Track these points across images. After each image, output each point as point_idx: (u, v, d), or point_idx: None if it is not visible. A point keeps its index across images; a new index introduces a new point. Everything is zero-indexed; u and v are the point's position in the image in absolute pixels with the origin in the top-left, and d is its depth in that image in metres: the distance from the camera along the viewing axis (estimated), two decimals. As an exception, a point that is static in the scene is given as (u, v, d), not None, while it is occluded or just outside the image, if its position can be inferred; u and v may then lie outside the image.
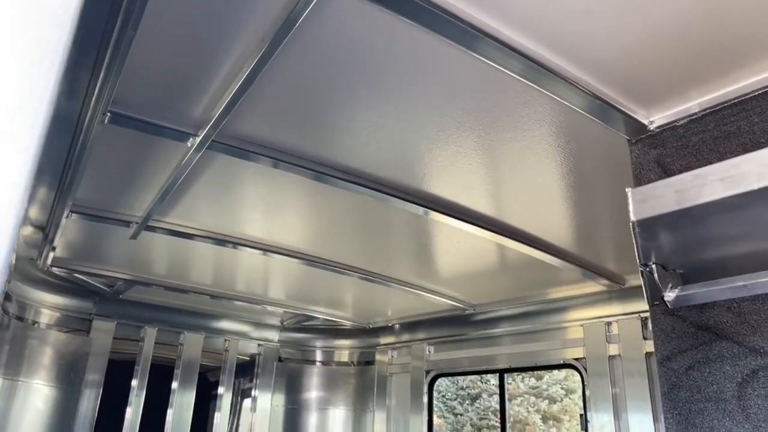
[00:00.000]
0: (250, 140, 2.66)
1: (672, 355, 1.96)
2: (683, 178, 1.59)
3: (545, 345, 4.83)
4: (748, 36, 1.82)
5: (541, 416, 16.26)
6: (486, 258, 4.08)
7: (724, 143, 1.98)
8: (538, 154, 2.64)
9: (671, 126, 2.15)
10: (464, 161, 2.76)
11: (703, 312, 1.89)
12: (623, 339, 4.25)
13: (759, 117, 1.92)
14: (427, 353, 5.77)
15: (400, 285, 4.72)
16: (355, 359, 6.58)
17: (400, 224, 3.67)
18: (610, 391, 4.23)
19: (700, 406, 1.83)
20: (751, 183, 1.39)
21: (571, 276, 4.14)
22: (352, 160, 2.82)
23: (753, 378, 1.76)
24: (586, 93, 2.10)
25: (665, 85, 2.09)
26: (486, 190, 3.11)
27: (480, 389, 16.92)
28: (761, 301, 1.75)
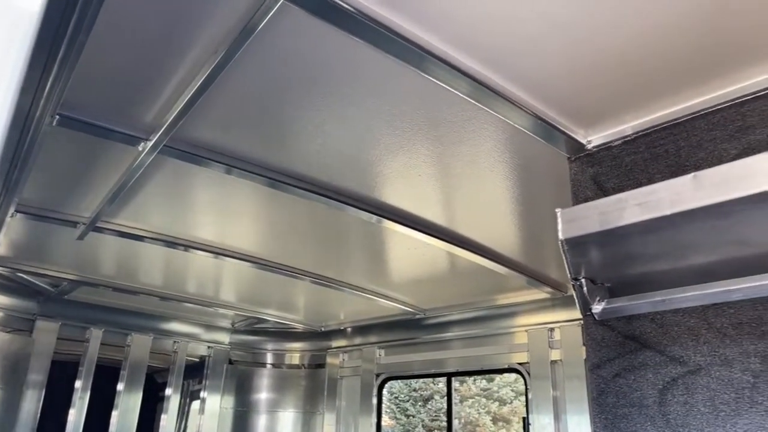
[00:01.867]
0: (203, 146, 2.67)
1: (601, 362, 2.08)
2: (606, 201, 1.71)
3: (492, 349, 4.97)
4: (676, 66, 1.96)
5: (491, 417, 16.58)
6: (437, 265, 4.18)
7: (653, 164, 2.11)
8: (485, 167, 2.74)
9: (607, 146, 2.28)
10: (414, 172, 2.84)
11: (630, 323, 2.02)
12: (564, 345, 4.43)
13: (685, 142, 2.06)
14: (377, 356, 5.85)
15: (353, 289, 4.78)
16: (306, 362, 6.60)
17: (353, 231, 3.73)
18: (551, 395, 4.40)
19: (625, 411, 1.96)
20: (665, 209, 1.51)
21: (517, 283, 4.28)
22: (305, 167, 2.87)
23: (673, 385, 1.89)
24: (529, 113, 2.20)
25: (603, 108, 2.22)
26: (436, 200, 3.20)
27: (432, 391, 17.12)
28: (680, 314, 1.89)
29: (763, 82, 1.93)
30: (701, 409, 1.81)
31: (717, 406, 1.78)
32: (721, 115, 2.00)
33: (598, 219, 1.66)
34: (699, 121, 2.05)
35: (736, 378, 1.76)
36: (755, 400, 1.71)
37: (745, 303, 1.78)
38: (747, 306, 1.78)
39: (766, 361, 1.72)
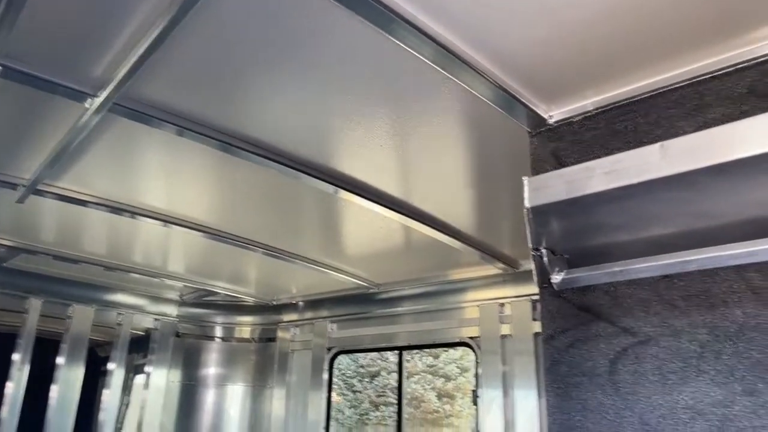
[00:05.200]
0: (155, 105, 2.55)
1: (556, 333, 2.12)
2: (574, 170, 1.72)
3: (444, 324, 5.03)
4: (637, 44, 1.98)
5: (437, 394, 16.91)
6: (392, 238, 4.17)
7: (612, 140, 2.14)
8: (445, 139, 2.73)
9: (568, 121, 2.29)
10: (375, 142, 2.80)
11: (585, 294, 2.06)
12: (514, 319, 4.52)
13: (644, 119, 2.09)
14: (329, 331, 5.84)
15: (306, 262, 4.73)
16: (257, 336, 6.52)
17: (308, 201, 3.67)
18: (501, 369, 4.49)
19: (577, 380, 2.00)
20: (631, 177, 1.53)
21: (471, 259, 4.33)
22: (261, 133, 2.78)
23: (623, 355, 1.94)
24: (493, 84, 2.19)
25: (565, 83, 2.23)
26: (395, 172, 3.17)
27: (380, 367, 17.29)
28: (633, 286, 1.94)
29: (720, 62, 1.97)
30: (650, 377, 1.86)
31: (665, 374, 1.84)
32: (679, 94, 2.03)
33: (564, 187, 1.67)
34: (658, 99, 2.08)
35: (684, 348, 1.82)
36: (701, 369, 1.77)
37: (695, 276, 1.83)
38: (697, 279, 1.83)
39: (713, 332, 1.78)
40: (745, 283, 1.75)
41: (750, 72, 1.88)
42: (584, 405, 1.96)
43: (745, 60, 1.90)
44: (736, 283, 1.77)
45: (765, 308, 1.70)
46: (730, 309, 1.76)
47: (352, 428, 17.14)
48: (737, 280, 1.76)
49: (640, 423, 1.84)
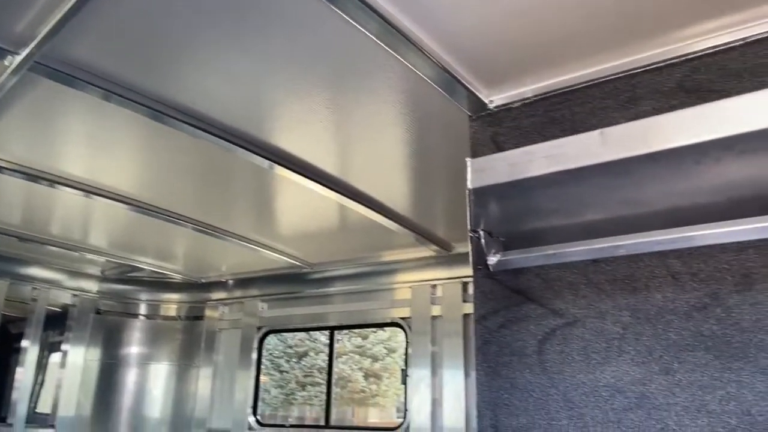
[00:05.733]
0: (80, 66, 2.39)
1: (488, 314, 2.17)
2: (516, 153, 1.75)
3: (376, 304, 5.07)
4: (577, 34, 2.03)
5: (364, 374, 17.10)
6: (328, 218, 4.14)
7: (549, 128, 2.20)
8: (386, 119, 2.71)
9: (507, 107, 2.33)
10: (316, 118, 2.75)
11: (517, 276, 2.11)
12: (445, 301, 4.61)
13: (580, 108, 2.15)
14: (260, 310, 5.75)
15: (238, 240, 4.62)
16: (183, 314, 6.34)
17: (242, 176, 3.57)
18: (430, 349, 4.59)
19: (506, 359, 2.06)
20: (570, 162, 1.58)
21: (405, 240, 4.36)
22: (196, 102, 2.67)
23: (551, 336, 2.01)
24: (437, 65, 2.19)
25: (507, 69, 2.26)
26: (334, 150, 3.14)
27: (308, 347, 17.28)
28: (564, 269, 2.01)
29: (652, 57, 2.05)
30: (575, 357, 1.94)
31: (589, 354, 1.92)
32: (614, 85, 2.10)
33: (506, 170, 1.70)
34: (593, 89, 2.15)
35: (607, 329, 1.90)
36: (623, 350, 1.86)
37: (622, 261, 1.92)
38: (623, 264, 1.92)
39: (634, 314, 1.87)
40: (666, 269, 1.84)
41: (679, 68, 1.97)
42: (512, 383, 2.03)
43: (675, 56, 1.98)
44: (657, 268, 1.86)
45: (683, 293, 1.80)
46: (651, 293, 1.85)
47: (278, 408, 17.09)
48: (659, 266, 1.86)
49: (564, 400, 1.92)
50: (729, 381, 1.67)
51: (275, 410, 16.99)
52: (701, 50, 1.95)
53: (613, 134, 1.56)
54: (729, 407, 1.65)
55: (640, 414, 1.78)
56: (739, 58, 1.88)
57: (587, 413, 1.87)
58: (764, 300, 1.68)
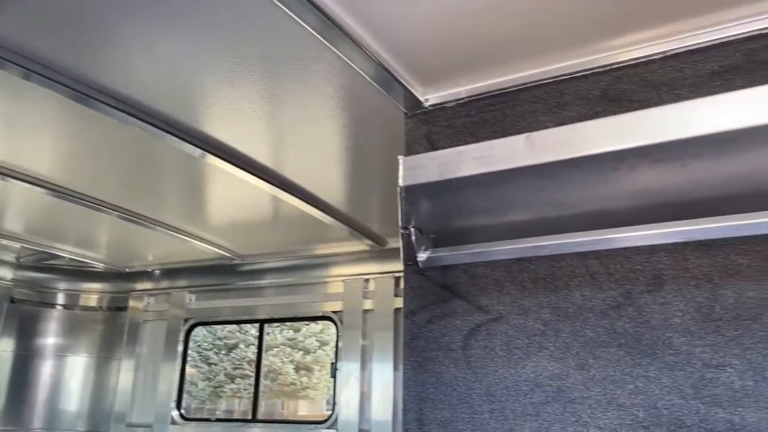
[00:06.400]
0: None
1: (417, 309, 2.20)
2: (447, 153, 1.79)
3: (308, 298, 5.04)
4: (509, 40, 2.08)
5: (295, 366, 17.01)
6: (261, 209, 4.07)
7: (481, 129, 2.25)
8: (322, 112, 2.70)
9: (442, 106, 2.37)
10: (250, 107, 2.70)
11: (446, 273, 2.16)
12: (377, 295, 4.65)
13: (511, 110, 2.22)
14: (187, 301, 5.60)
15: (166, 229, 4.48)
16: (105, 304, 6.08)
17: (172, 164, 3.46)
18: (360, 342, 4.62)
19: (433, 354, 2.10)
20: (499, 164, 1.63)
21: (339, 234, 4.36)
22: (124, 85, 2.56)
23: (476, 331, 2.07)
24: (375, 61, 2.20)
25: (443, 69, 2.29)
26: (269, 141, 3.09)
27: (238, 339, 17.01)
28: (490, 267, 2.07)
29: (579, 65, 2.14)
30: (498, 352, 2.01)
31: (511, 350, 1.99)
32: (543, 90, 2.18)
33: (437, 169, 1.73)
34: (524, 93, 2.22)
35: (529, 326, 1.98)
36: (543, 345, 1.94)
37: (545, 260, 1.99)
38: (546, 263, 2.00)
39: (555, 311, 1.95)
40: (586, 269, 1.93)
41: (604, 77, 2.06)
42: (438, 378, 2.07)
43: (601, 66, 2.07)
44: (578, 268, 1.95)
45: (600, 292, 1.89)
46: (571, 291, 1.94)
47: (205, 401, 16.75)
48: (579, 266, 1.94)
49: (486, 394, 1.98)
50: (638, 376, 1.77)
51: (203, 403, 16.65)
52: (624, 61, 2.04)
53: (539, 139, 1.62)
54: (637, 400, 1.75)
55: (557, 407, 1.86)
56: (658, 70, 1.99)
57: (507, 407, 1.93)
58: (672, 300, 1.79)
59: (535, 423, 1.88)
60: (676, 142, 1.44)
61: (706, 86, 1.89)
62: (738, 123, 1.39)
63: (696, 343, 1.72)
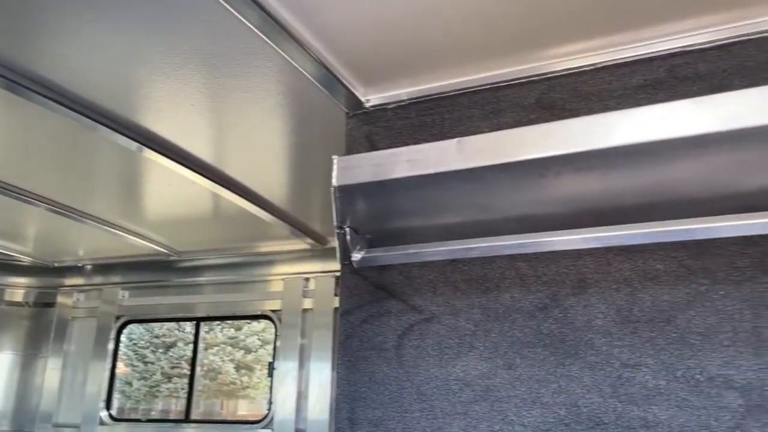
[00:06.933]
0: None
1: (352, 309, 2.21)
2: (381, 154, 1.81)
3: (246, 296, 4.97)
4: (449, 45, 2.12)
5: (235, 365, 16.74)
6: (199, 205, 3.99)
7: (420, 131, 2.29)
8: (263, 109, 2.67)
9: (383, 107, 2.39)
10: (187, 101, 2.64)
11: (381, 273, 2.18)
12: (317, 294, 4.64)
13: (449, 115, 2.26)
14: (120, 298, 5.42)
15: (98, 223, 4.32)
16: (32, 300, 5.81)
17: (106, 157, 3.34)
18: (299, 342, 4.59)
19: (366, 353, 2.12)
20: (430, 167, 1.66)
21: (281, 232, 4.32)
22: (56, 74, 2.46)
23: (409, 331, 2.10)
24: (316, 60, 2.19)
25: (384, 70, 2.31)
26: (208, 136, 3.03)
27: (176, 338, 16.60)
28: (425, 268, 2.10)
29: (515, 72, 2.20)
30: (430, 352, 2.04)
31: (443, 349, 2.03)
32: (481, 96, 2.23)
33: (371, 170, 1.75)
34: (462, 98, 2.27)
35: (461, 326, 2.02)
36: (473, 345, 1.99)
37: (477, 262, 2.04)
38: (478, 265, 2.05)
39: (485, 312, 2.00)
40: (516, 271, 1.99)
41: (538, 86, 2.13)
42: (371, 377, 2.09)
43: (535, 74, 2.14)
44: (508, 270, 2.00)
45: (528, 293, 1.96)
46: (501, 293, 1.99)
47: (140, 401, 16.28)
48: (509, 268, 2.00)
49: (417, 393, 2.01)
50: (561, 375, 1.84)
51: (137, 403, 16.17)
52: (558, 71, 2.12)
53: (469, 143, 1.66)
54: (560, 399, 1.82)
55: (484, 405, 1.91)
56: (589, 81, 2.07)
57: (437, 405, 1.97)
58: (595, 303, 1.87)
59: (464, 421, 1.93)
60: (595, 151, 1.51)
61: (631, 98, 1.98)
62: (652, 136, 1.47)
63: (615, 344, 1.80)
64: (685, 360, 1.71)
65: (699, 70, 1.92)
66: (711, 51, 1.92)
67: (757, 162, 1.56)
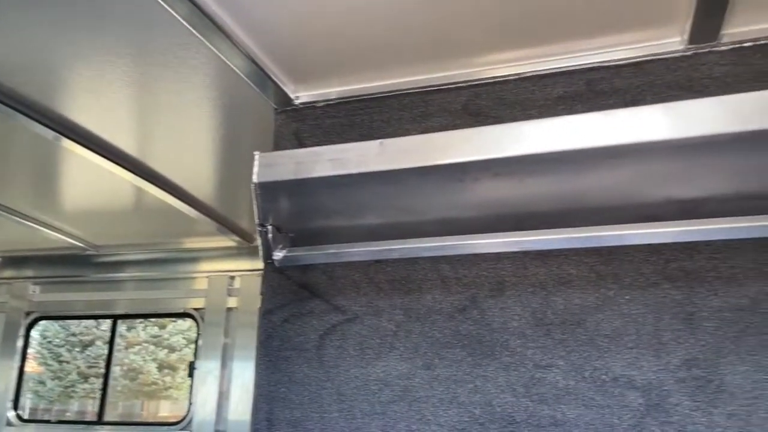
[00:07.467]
0: None
1: (274, 308, 2.19)
2: (303, 152, 1.80)
3: (169, 293, 4.81)
4: (381, 47, 2.13)
5: (158, 365, 16.22)
6: (120, 198, 3.83)
7: (349, 131, 2.29)
8: (190, 101, 2.59)
9: (312, 105, 2.38)
10: (109, 89, 2.52)
11: (305, 273, 2.16)
12: (243, 293, 4.55)
13: (378, 116, 2.28)
14: (30, 293, 5.13)
15: (10, 214, 4.07)
16: (-69, 295, 5.41)
17: (20, 145, 3.15)
18: (222, 341, 4.49)
19: (287, 353, 2.10)
20: (352, 167, 1.66)
21: (207, 229, 4.21)
22: (-39, 54, 2.30)
23: (331, 331, 2.09)
24: (245, 55, 2.16)
25: (315, 67, 2.30)
26: (131, 127, 2.91)
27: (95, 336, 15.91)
28: (349, 268, 2.10)
29: (443, 77, 2.24)
30: (351, 352, 2.05)
31: (364, 350, 2.04)
32: (410, 99, 2.26)
33: (293, 168, 1.73)
34: (391, 100, 2.28)
35: (383, 326, 2.04)
36: (394, 346, 2.00)
37: (400, 263, 2.06)
38: (401, 266, 2.07)
39: (407, 313, 2.02)
40: (438, 273, 2.03)
41: (465, 92, 2.17)
42: (290, 377, 2.07)
43: (462, 81, 2.19)
44: (430, 272, 2.04)
45: (449, 295, 1.99)
46: (423, 294, 2.02)
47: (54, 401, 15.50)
48: (432, 270, 2.03)
49: (337, 394, 2.01)
50: (477, 376, 1.89)
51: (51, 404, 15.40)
52: (484, 78, 2.17)
53: (391, 146, 1.68)
54: (475, 399, 1.87)
55: (403, 406, 1.93)
56: (513, 90, 2.13)
57: (356, 406, 1.98)
58: (512, 305, 1.92)
59: (382, 421, 1.94)
60: (509, 158, 1.56)
61: (552, 109, 2.06)
62: (562, 146, 1.54)
63: (529, 345, 1.87)
64: (593, 361, 1.79)
65: (615, 85, 2.02)
66: (626, 68, 2.02)
67: (662, 174, 1.66)
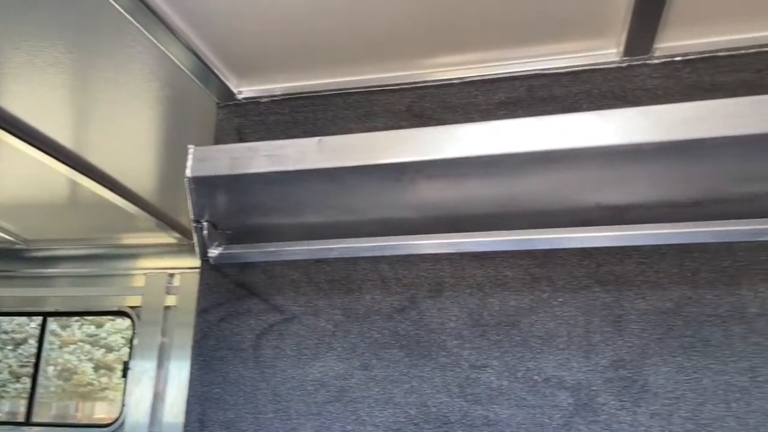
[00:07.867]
0: None
1: (210, 307, 2.14)
2: (239, 147, 1.77)
3: (103, 291, 4.63)
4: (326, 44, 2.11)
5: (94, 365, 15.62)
6: (54, 192, 3.66)
7: (293, 128, 2.26)
8: (129, 92, 2.50)
9: (255, 101, 2.34)
10: (41, 76, 2.41)
11: (243, 271, 2.12)
12: (182, 291, 4.43)
13: (323, 114, 2.26)
14: (-47, 289, 4.85)
15: (-70, 204, 3.84)
16: None
17: (-59, 131, 2.98)
18: (159, 340, 4.35)
19: (222, 353, 2.05)
20: (289, 164, 1.64)
21: (145, 225, 4.07)
22: None
23: (269, 331, 2.06)
24: (186, 47, 2.10)
25: (259, 63, 2.26)
26: (64, 117, 2.79)
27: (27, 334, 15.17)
28: (288, 267, 2.08)
29: (388, 78, 2.24)
30: (288, 352, 2.02)
31: (301, 350, 2.01)
32: (354, 98, 2.25)
33: (229, 163, 1.69)
34: (336, 99, 2.27)
35: (321, 326, 2.02)
36: (332, 346, 1.99)
37: (340, 263, 2.05)
38: (341, 266, 2.05)
39: (346, 313, 2.01)
40: (378, 273, 2.02)
41: (409, 94, 2.18)
42: (225, 378, 2.03)
43: (407, 83, 2.20)
44: (371, 272, 2.03)
45: (388, 295, 1.99)
46: (362, 294, 2.01)
47: (-19, 403, 14.70)
48: (372, 270, 2.03)
49: (272, 394, 1.98)
50: (414, 376, 1.89)
51: (-23, 405, 14.59)
52: (428, 81, 2.19)
53: (329, 143, 1.67)
54: (411, 399, 1.87)
55: (338, 406, 1.92)
56: (456, 94, 2.16)
57: (292, 406, 1.95)
58: (449, 306, 1.94)
59: (318, 422, 1.92)
60: (442, 160, 1.58)
61: (494, 114, 2.09)
62: (495, 149, 1.56)
63: (465, 345, 1.89)
64: (526, 362, 1.83)
65: (554, 92, 2.06)
66: (565, 76, 2.08)
67: (594, 180, 1.70)
